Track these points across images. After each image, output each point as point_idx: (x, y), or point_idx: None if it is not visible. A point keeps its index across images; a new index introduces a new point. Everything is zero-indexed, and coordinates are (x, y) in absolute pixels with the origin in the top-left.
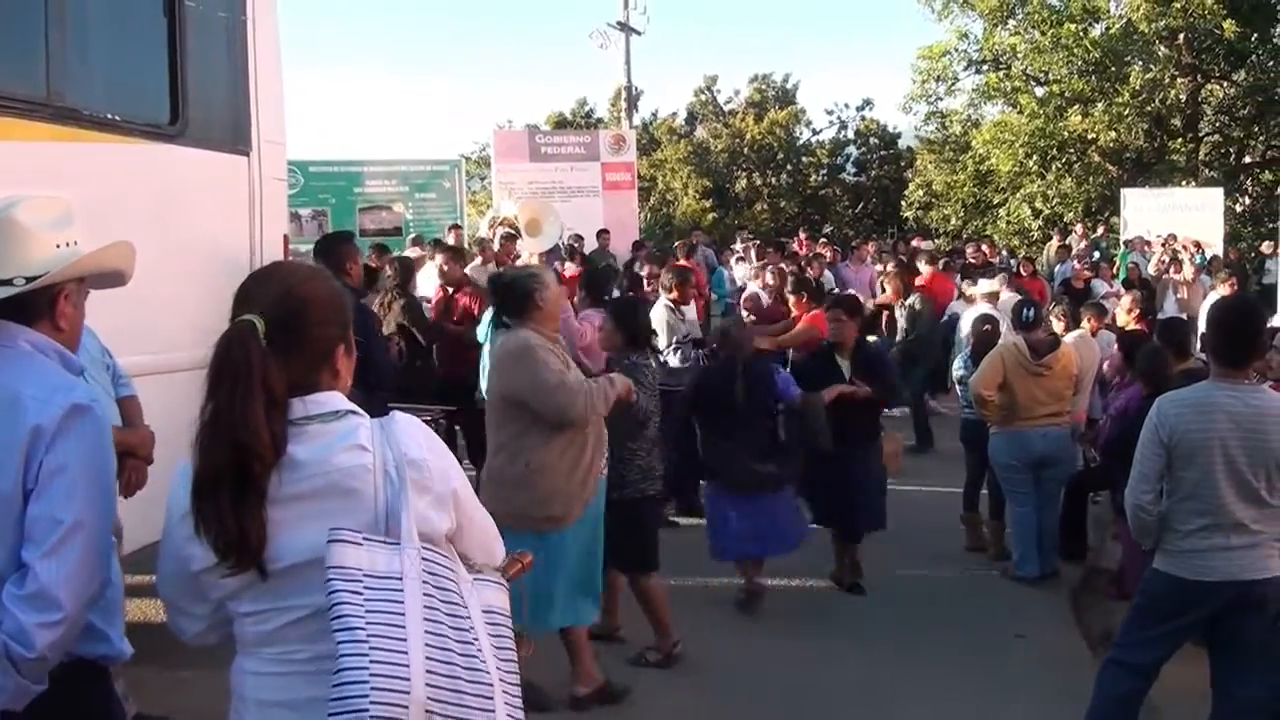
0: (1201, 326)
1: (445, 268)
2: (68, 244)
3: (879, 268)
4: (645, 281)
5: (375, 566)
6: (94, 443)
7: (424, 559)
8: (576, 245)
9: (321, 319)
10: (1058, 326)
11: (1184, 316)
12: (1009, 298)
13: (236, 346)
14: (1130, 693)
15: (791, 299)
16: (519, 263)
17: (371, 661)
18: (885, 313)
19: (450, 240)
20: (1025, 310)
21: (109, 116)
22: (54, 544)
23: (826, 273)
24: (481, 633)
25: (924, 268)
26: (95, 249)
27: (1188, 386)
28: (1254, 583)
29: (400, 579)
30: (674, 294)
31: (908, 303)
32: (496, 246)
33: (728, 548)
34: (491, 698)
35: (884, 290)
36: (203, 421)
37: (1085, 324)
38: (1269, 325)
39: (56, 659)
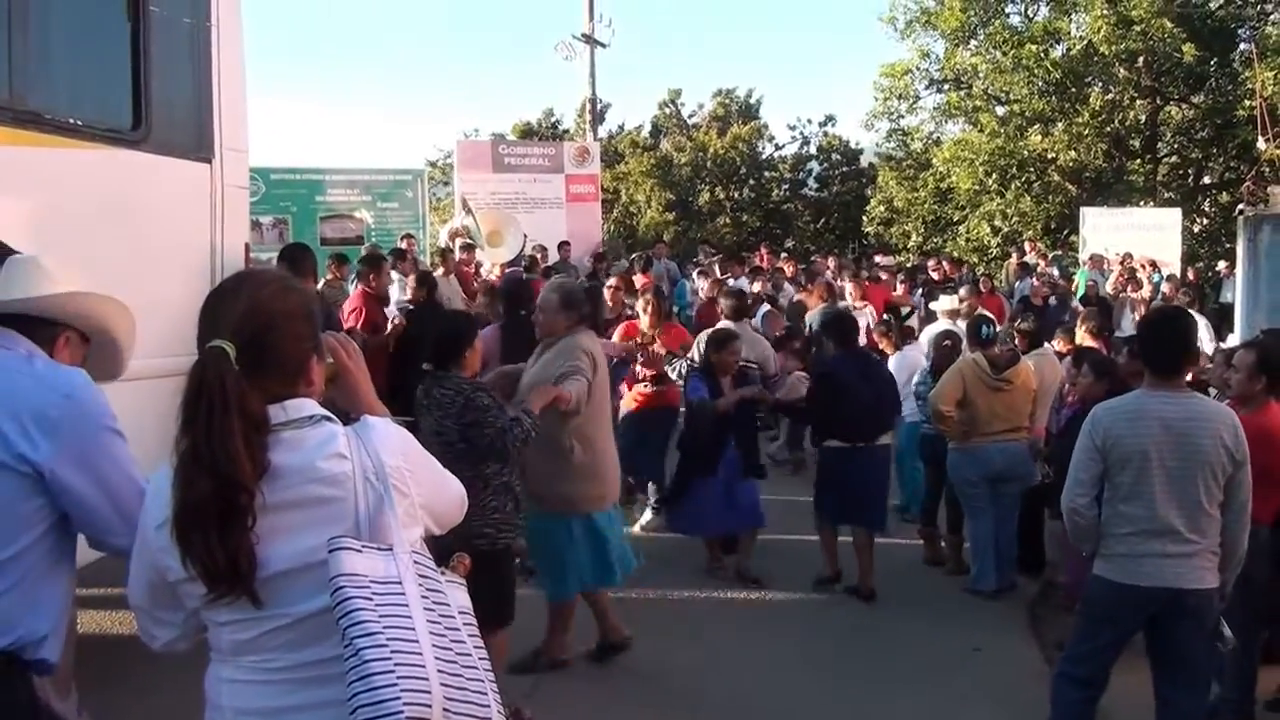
0: None
1: (373, 280)
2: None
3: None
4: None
5: (376, 572)
6: (96, 419)
7: (415, 562)
8: (539, 256)
9: (293, 333)
10: (1020, 344)
11: None
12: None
13: (210, 377)
14: (1083, 701)
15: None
16: (483, 272)
17: (396, 665)
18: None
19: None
20: (984, 327)
21: (71, 121)
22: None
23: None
24: (465, 632)
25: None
26: (85, 293)
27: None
28: (1186, 592)
29: (400, 583)
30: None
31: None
32: (459, 257)
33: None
34: (486, 693)
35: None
36: (181, 453)
37: (1051, 343)
38: (1226, 345)
39: None
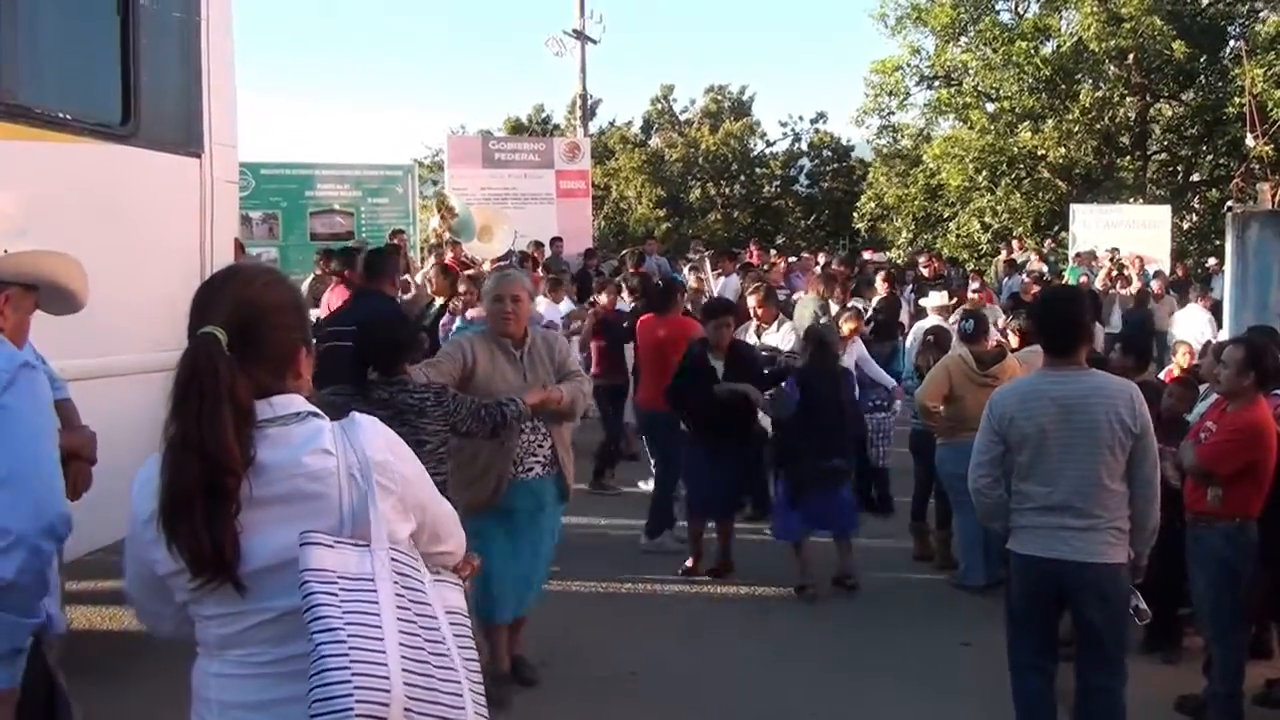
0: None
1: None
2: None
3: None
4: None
5: (348, 568)
6: (38, 391)
7: (393, 559)
8: (536, 254)
9: (282, 324)
10: (1013, 340)
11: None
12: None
13: (202, 362)
14: (1040, 690)
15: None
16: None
17: (352, 661)
18: None
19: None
20: (964, 322)
21: (60, 115)
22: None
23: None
24: (447, 632)
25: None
26: (18, 252)
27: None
28: (1087, 565)
29: (372, 580)
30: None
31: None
32: (449, 255)
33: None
34: (461, 694)
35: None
36: (169, 439)
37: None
38: (1216, 339)
39: (31, 586)
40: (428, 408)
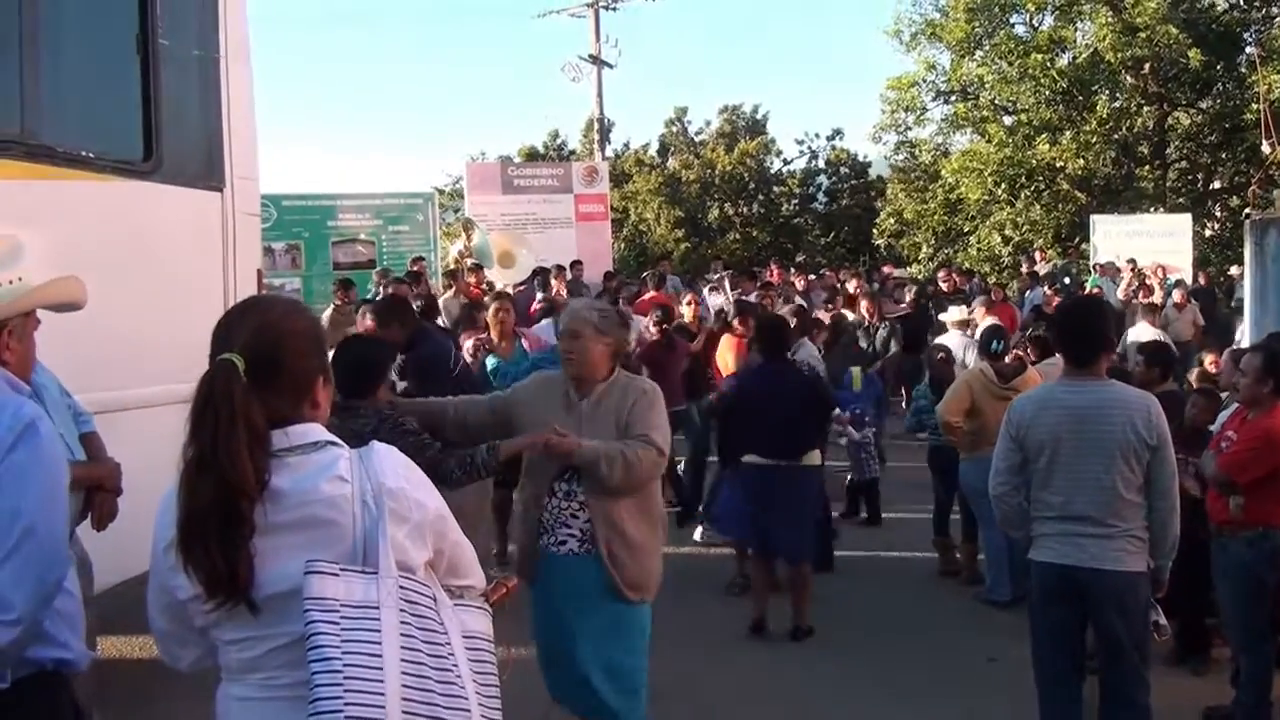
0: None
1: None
2: (11, 281)
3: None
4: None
5: (352, 596)
6: (45, 450)
7: (401, 587)
8: (559, 276)
9: (300, 351)
10: (1033, 353)
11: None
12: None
13: (219, 386)
14: (1067, 701)
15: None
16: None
17: (346, 691)
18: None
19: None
20: (994, 341)
21: (83, 154)
22: (8, 547)
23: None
24: (461, 658)
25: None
26: (34, 286)
27: None
28: (1105, 572)
29: (377, 608)
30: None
31: None
32: (472, 280)
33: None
34: None
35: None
36: (186, 462)
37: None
38: (1235, 347)
39: (12, 659)
40: (367, 436)
